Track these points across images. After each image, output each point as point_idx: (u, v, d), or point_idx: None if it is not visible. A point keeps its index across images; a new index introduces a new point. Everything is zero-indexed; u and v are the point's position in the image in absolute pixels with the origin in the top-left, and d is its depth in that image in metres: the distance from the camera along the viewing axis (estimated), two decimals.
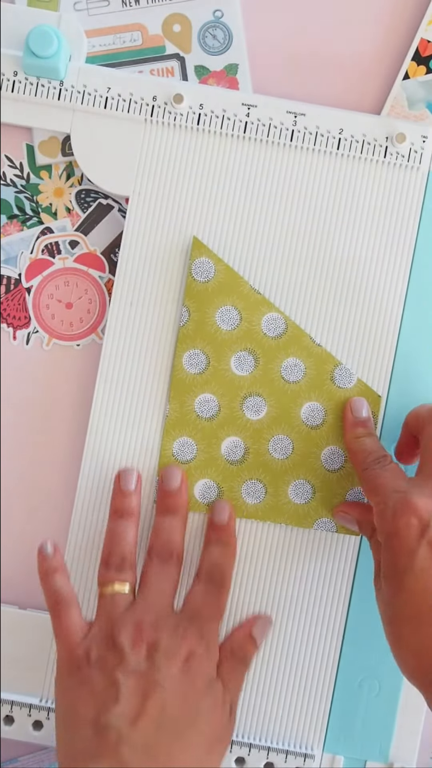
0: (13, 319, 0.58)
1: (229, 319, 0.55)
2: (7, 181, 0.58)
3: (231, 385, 0.55)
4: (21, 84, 0.56)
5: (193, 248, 0.55)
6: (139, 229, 0.56)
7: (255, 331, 0.55)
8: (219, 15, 0.57)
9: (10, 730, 0.56)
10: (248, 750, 0.55)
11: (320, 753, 0.56)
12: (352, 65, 0.58)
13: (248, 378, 0.55)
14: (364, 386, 0.55)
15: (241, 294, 0.55)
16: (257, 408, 0.55)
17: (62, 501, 0.57)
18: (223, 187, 0.56)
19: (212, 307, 0.55)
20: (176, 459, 0.55)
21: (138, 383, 0.56)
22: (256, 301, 0.55)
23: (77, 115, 0.56)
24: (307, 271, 0.56)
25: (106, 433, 0.56)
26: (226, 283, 0.55)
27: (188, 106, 0.56)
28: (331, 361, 0.55)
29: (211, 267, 0.55)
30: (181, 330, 0.55)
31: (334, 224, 0.56)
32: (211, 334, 0.55)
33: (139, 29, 0.57)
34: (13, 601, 0.57)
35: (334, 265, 0.56)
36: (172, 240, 0.56)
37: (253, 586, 0.56)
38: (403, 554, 0.46)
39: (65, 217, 0.58)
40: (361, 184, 0.56)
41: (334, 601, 0.56)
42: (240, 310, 0.55)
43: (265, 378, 0.55)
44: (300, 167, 0.56)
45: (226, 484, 0.55)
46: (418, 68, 0.57)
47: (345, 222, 0.56)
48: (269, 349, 0.55)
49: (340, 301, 0.56)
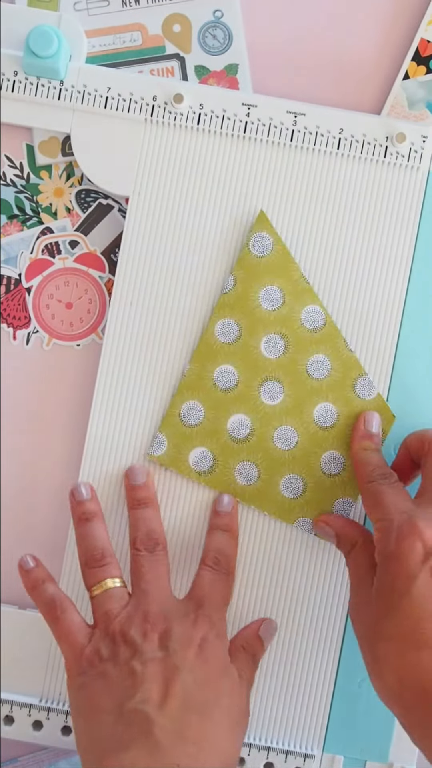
0: (13, 319, 0.58)
1: (272, 300, 0.55)
2: (7, 181, 0.58)
3: (255, 363, 0.55)
4: (21, 84, 0.56)
5: (256, 221, 0.55)
6: (139, 229, 0.56)
7: (294, 318, 0.55)
8: (219, 15, 0.57)
9: (10, 730, 0.55)
10: (248, 750, 0.55)
11: (320, 753, 0.56)
12: (352, 65, 0.58)
13: (274, 362, 0.55)
14: (382, 402, 0.55)
15: (290, 278, 0.55)
16: (274, 393, 0.55)
17: (62, 500, 0.57)
18: (223, 187, 0.56)
19: (259, 284, 0.55)
20: (181, 421, 0.55)
21: (138, 383, 0.56)
22: (303, 289, 0.55)
23: (77, 115, 0.56)
24: (307, 270, 0.56)
25: (106, 433, 0.56)
26: (279, 264, 0.55)
27: (188, 106, 0.56)
28: (358, 369, 0.55)
29: (269, 244, 0.55)
30: (222, 297, 0.55)
31: (334, 224, 0.56)
32: (250, 308, 0.55)
33: (139, 29, 0.57)
34: (13, 601, 0.57)
35: (333, 264, 0.56)
36: (172, 240, 0.56)
37: (253, 587, 0.56)
38: (402, 577, 0.45)
39: (65, 217, 0.58)
40: (361, 184, 0.56)
41: (334, 602, 0.56)
42: (285, 294, 0.55)
43: (290, 367, 0.55)
44: (300, 167, 0.56)
45: (223, 458, 0.55)
46: (418, 68, 0.57)
47: (345, 222, 0.56)
48: (302, 340, 0.55)
49: (340, 301, 0.56)
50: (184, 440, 0.55)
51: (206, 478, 0.55)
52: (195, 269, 0.56)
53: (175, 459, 0.55)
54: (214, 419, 0.55)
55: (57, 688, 0.56)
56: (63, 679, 0.56)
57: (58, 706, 0.56)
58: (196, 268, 0.56)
